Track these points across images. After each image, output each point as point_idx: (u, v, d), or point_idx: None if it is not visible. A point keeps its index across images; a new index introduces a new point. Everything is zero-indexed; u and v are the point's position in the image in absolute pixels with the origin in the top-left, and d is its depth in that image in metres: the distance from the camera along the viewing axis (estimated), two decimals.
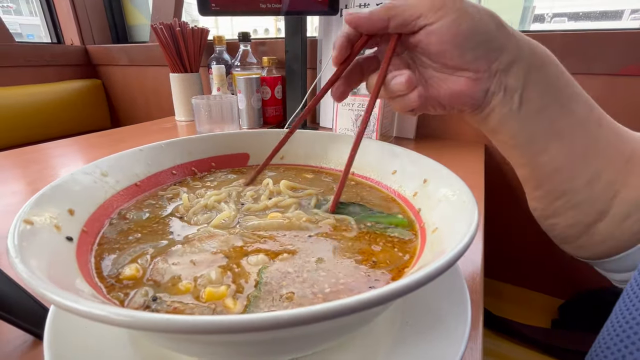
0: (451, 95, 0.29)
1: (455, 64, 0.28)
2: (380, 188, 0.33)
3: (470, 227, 0.18)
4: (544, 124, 0.29)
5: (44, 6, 1.34)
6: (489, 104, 0.29)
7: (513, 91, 0.29)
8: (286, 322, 0.12)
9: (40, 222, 0.20)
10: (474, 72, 0.28)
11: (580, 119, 0.29)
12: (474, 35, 0.27)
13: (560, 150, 0.29)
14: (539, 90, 0.29)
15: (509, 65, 0.28)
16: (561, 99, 0.29)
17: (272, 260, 0.23)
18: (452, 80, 0.28)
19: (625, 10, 1.46)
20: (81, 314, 0.13)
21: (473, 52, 0.27)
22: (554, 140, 0.29)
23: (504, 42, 0.28)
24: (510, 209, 0.85)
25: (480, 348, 0.26)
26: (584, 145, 0.29)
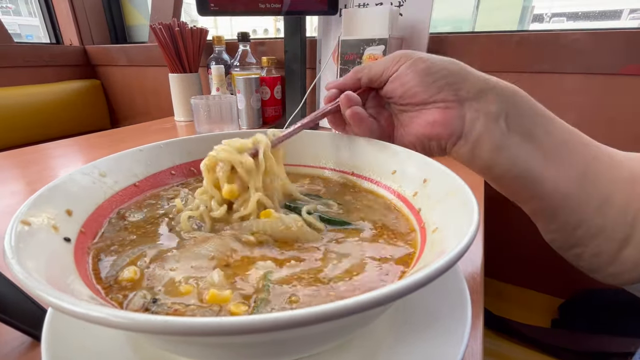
0: (425, 126, 0.31)
1: (422, 99, 0.31)
2: (380, 192, 0.33)
3: (470, 227, 0.18)
4: (537, 149, 0.29)
5: (42, 7, 1.34)
6: (473, 132, 0.29)
7: (496, 115, 0.29)
8: (285, 323, 0.12)
9: (37, 223, 0.20)
10: (443, 102, 0.30)
11: (570, 142, 0.29)
12: (431, 71, 0.30)
13: (562, 174, 0.29)
14: (521, 114, 0.29)
15: (479, 93, 0.29)
16: (544, 124, 0.30)
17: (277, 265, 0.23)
18: (425, 114, 0.31)
19: (624, 10, 1.46)
20: (78, 316, 0.12)
21: (435, 84, 0.30)
22: (553, 164, 0.29)
23: (464, 74, 0.30)
24: (510, 209, 0.84)
25: (480, 348, 0.26)
26: (584, 168, 0.28)
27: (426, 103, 0.31)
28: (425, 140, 0.32)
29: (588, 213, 0.28)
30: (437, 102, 0.30)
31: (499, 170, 0.30)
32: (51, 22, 1.36)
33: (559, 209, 0.29)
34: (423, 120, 0.31)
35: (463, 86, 0.30)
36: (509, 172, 0.30)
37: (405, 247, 0.25)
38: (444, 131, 0.30)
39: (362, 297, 0.13)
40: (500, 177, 0.31)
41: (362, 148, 0.35)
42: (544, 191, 0.29)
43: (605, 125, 0.70)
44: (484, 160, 0.30)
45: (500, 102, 0.29)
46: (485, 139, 0.29)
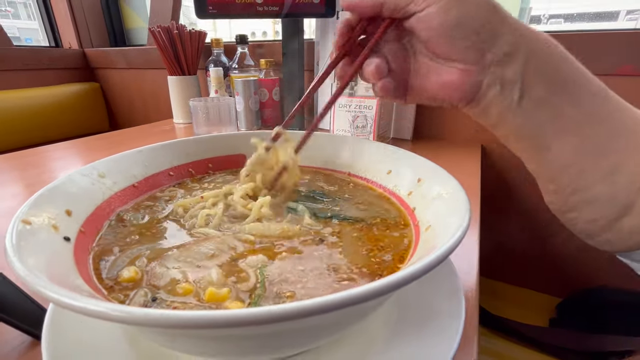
0: (439, 87, 0.29)
1: (443, 54, 0.27)
2: (375, 187, 0.33)
3: (462, 223, 0.18)
4: (547, 119, 0.28)
5: (42, 10, 1.35)
6: (485, 98, 0.28)
7: (512, 84, 0.27)
8: (278, 316, 0.12)
9: (38, 223, 0.20)
10: (464, 64, 0.27)
11: (590, 112, 0.28)
12: (462, 23, 0.26)
13: (568, 146, 0.28)
14: (541, 81, 0.27)
15: (505, 56, 0.27)
16: (571, 93, 0.28)
17: (270, 260, 0.23)
18: (444, 71, 0.28)
19: (620, 11, 1.47)
20: (78, 310, 0.13)
21: (462, 41, 0.26)
22: (560, 135, 0.28)
23: (497, 29, 0.26)
24: (507, 209, 0.85)
25: (475, 345, 0.27)
26: (596, 140, 0.27)
27: (447, 59, 0.28)
28: (439, 99, 0.30)
29: (589, 182, 0.28)
30: (459, 61, 0.27)
31: (505, 131, 0.30)
32: (50, 26, 1.37)
33: (559, 175, 0.29)
34: (438, 78, 0.29)
35: (491, 46, 0.26)
36: (514, 134, 0.29)
37: (400, 243, 0.25)
38: (457, 95, 0.28)
39: (355, 291, 0.13)
40: (507, 136, 0.30)
41: (357, 149, 0.35)
42: (549, 157, 0.28)
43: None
44: (489, 122, 0.30)
45: (522, 67, 0.27)
46: (494, 106, 0.28)
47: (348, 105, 0.71)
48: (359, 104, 0.69)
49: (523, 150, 0.30)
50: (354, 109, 0.70)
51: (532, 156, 0.30)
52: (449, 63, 0.28)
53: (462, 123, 0.84)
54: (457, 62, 0.27)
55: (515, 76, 0.27)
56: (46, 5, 1.34)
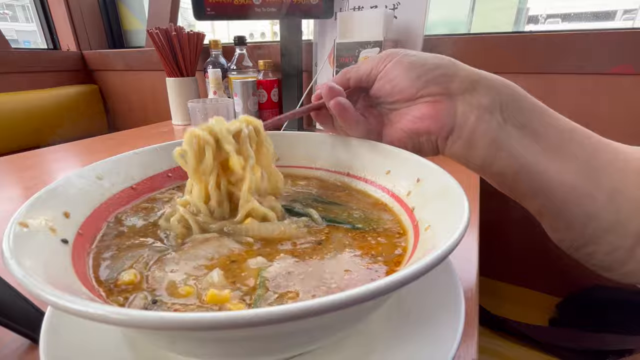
0: (414, 120, 0.30)
1: (410, 94, 0.30)
2: (371, 192, 0.33)
3: (461, 222, 0.18)
4: (537, 141, 0.28)
5: (40, 13, 1.35)
6: (466, 126, 0.28)
7: (491, 108, 0.28)
8: (279, 317, 0.12)
9: (35, 225, 0.20)
10: (430, 96, 0.29)
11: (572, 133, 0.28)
12: (417, 65, 0.30)
13: (566, 166, 0.27)
14: (517, 107, 0.28)
15: (470, 85, 0.28)
16: (542, 116, 0.28)
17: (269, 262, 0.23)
18: (414, 109, 0.30)
19: (617, 11, 1.48)
20: (77, 313, 0.13)
21: (421, 78, 0.29)
22: (556, 156, 0.27)
23: (453, 68, 0.29)
24: (506, 209, 0.85)
25: (475, 345, 0.27)
26: (589, 159, 0.27)
27: (414, 98, 0.30)
28: (415, 136, 0.31)
29: (597, 206, 0.26)
30: (425, 96, 0.29)
31: (498, 167, 0.28)
32: (48, 28, 1.37)
33: (565, 204, 0.28)
34: (411, 115, 0.30)
35: (453, 79, 0.29)
36: (509, 167, 0.28)
37: (395, 245, 0.25)
38: (434, 125, 0.29)
39: (355, 291, 0.13)
40: (501, 173, 0.29)
41: (356, 149, 0.35)
42: (549, 186, 0.27)
43: (596, 125, 0.71)
44: (481, 157, 0.29)
45: (495, 95, 0.28)
46: (480, 133, 0.28)
47: None
48: None
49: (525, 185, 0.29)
50: None
51: (536, 190, 0.28)
52: (417, 102, 0.30)
53: None
54: (424, 97, 0.30)
55: (491, 102, 0.28)
56: (44, 7, 1.33)
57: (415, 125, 0.30)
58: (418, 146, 0.32)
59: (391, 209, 0.30)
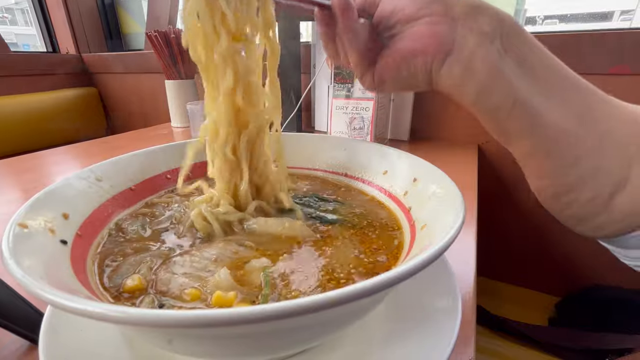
0: (411, 40, 0.28)
1: (410, 13, 0.28)
2: (368, 192, 0.34)
3: (456, 220, 0.18)
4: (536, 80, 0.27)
5: (39, 16, 1.35)
6: (465, 48, 0.27)
7: (491, 36, 0.27)
8: (275, 314, 0.12)
9: (34, 226, 0.20)
10: (431, 16, 0.27)
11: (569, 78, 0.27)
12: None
13: (562, 109, 0.27)
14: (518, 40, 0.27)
15: (472, 10, 0.27)
16: (541, 55, 0.28)
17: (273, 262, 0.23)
18: (412, 30, 0.28)
19: (615, 12, 1.48)
20: (77, 312, 0.13)
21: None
22: (553, 98, 0.27)
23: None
24: (504, 209, 0.85)
25: (472, 344, 0.27)
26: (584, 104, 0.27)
27: (414, 19, 0.28)
28: (410, 57, 0.28)
29: (586, 148, 0.27)
30: (426, 16, 0.27)
31: (495, 99, 0.27)
32: (47, 31, 1.37)
33: (556, 144, 0.27)
34: (409, 35, 0.28)
35: (455, 2, 0.27)
36: (506, 100, 0.27)
37: (391, 242, 0.26)
38: (432, 43, 0.27)
39: (351, 288, 0.13)
40: (496, 107, 0.28)
41: (354, 150, 0.35)
42: (543, 123, 0.27)
43: None
44: (479, 85, 0.27)
45: (496, 23, 0.27)
46: (479, 58, 0.26)
47: (345, 107, 0.71)
48: (355, 106, 0.70)
49: (519, 122, 0.28)
50: (350, 110, 0.70)
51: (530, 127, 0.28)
52: (418, 22, 0.28)
53: (459, 123, 0.84)
54: (425, 17, 0.27)
55: (492, 30, 0.27)
56: (43, 11, 1.34)
57: (411, 44, 0.28)
58: (413, 72, 0.29)
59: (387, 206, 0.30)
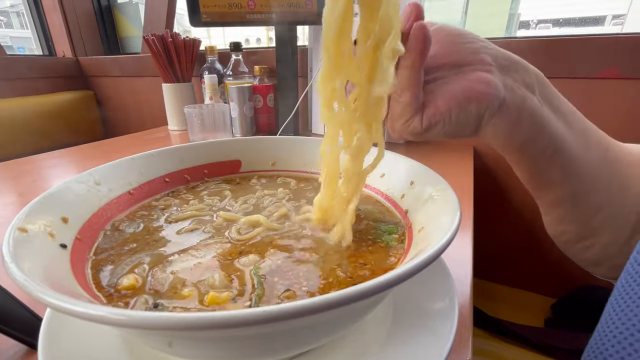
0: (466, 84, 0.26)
1: (457, 59, 0.26)
2: (370, 192, 0.34)
3: (452, 222, 0.19)
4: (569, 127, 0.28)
5: (35, 19, 1.35)
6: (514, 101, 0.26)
7: (532, 87, 0.27)
8: (276, 316, 0.12)
9: (34, 230, 0.20)
10: (481, 64, 0.26)
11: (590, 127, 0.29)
12: (463, 33, 0.27)
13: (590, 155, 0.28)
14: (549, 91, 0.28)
15: (513, 63, 0.27)
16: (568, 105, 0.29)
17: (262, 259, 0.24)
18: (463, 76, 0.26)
19: (607, 16, 1.50)
20: (78, 315, 0.13)
21: (470, 45, 0.26)
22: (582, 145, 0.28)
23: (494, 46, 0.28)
24: (500, 211, 0.86)
25: (470, 345, 0.27)
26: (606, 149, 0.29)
27: (463, 65, 0.26)
28: (465, 101, 0.26)
29: (610, 195, 0.28)
30: (476, 63, 0.26)
31: (539, 145, 0.27)
32: (44, 34, 1.37)
33: (587, 193, 0.28)
34: (462, 80, 0.26)
35: (497, 53, 0.27)
36: (548, 147, 0.27)
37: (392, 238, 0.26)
38: (487, 91, 0.25)
39: (350, 290, 0.14)
40: (540, 153, 0.28)
41: None
42: (578, 171, 0.28)
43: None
44: (525, 135, 0.27)
45: (532, 75, 0.28)
46: (526, 109, 0.27)
47: None
48: None
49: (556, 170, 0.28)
50: None
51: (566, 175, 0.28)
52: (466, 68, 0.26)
53: None
54: (474, 65, 0.26)
55: (532, 82, 0.27)
56: (40, 14, 1.34)
57: (467, 90, 0.26)
58: (464, 116, 0.27)
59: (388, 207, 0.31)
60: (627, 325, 0.21)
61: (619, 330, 0.22)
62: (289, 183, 0.38)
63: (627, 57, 0.65)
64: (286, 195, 0.35)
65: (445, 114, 0.26)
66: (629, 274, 0.23)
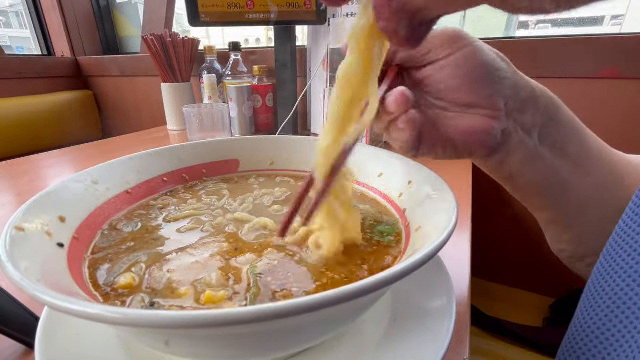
0: (463, 133, 0.25)
1: (469, 101, 0.25)
2: (367, 191, 0.34)
3: (450, 221, 0.19)
4: (567, 161, 0.28)
5: (34, 19, 1.35)
6: (506, 146, 0.26)
7: (532, 130, 0.27)
8: (268, 314, 0.12)
9: (31, 229, 0.20)
10: (491, 110, 0.25)
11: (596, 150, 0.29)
12: (491, 69, 0.25)
13: (587, 180, 0.28)
14: (557, 130, 0.28)
15: (524, 103, 0.26)
16: (578, 138, 0.28)
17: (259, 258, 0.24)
18: (466, 118, 0.25)
19: (606, 17, 1.51)
20: (75, 313, 0.13)
21: (489, 88, 0.25)
22: (580, 171, 0.28)
23: (516, 78, 0.26)
24: (499, 211, 0.86)
25: (467, 344, 0.27)
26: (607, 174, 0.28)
27: (471, 106, 0.25)
28: (461, 144, 0.26)
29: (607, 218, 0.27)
30: (484, 107, 0.25)
31: (523, 180, 0.28)
32: (42, 34, 1.37)
33: (578, 217, 0.28)
34: (462, 124, 0.25)
35: (513, 95, 0.26)
36: (534, 181, 0.28)
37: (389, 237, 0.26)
38: (484, 140, 0.25)
39: (347, 288, 0.14)
40: (524, 186, 0.29)
41: None
42: (568, 199, 0.28)
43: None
44: (511, 172, 0.28)
45: (540, 115, 0.27)
46: (517, 154, 0.27)
47: None
48: None
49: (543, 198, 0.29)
50: None
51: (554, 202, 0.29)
52: (471, 110, 0.25)
53: None
54: (481, 109, 0.25)
55: (533, 124, 0.27)
56: (39, 14, 1.34)
57: (464, 138, 0.25)
58: (459, 153, 0.27)
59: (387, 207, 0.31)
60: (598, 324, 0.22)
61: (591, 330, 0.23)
62: (288, 182, 0.38)
63: (626, 57, 0.65)
64: (284, 194, 0.35)
65: (439, 151, 0.26)
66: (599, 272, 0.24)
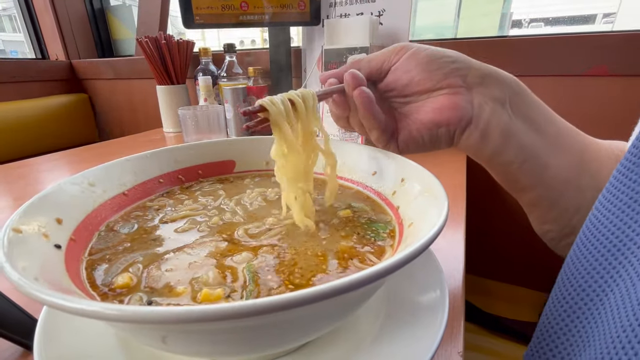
0: (434, 112, 0.29)
1: (428, 87, 0.30)
2: (362, 189, 0.35)
3: (440, 215, 0.19)
4: (542, 136, 0.29)
5: (27, 22, 1.34)
6: (482, 116, 0.29)
7: (502, 101, 0.29)
8: (262, 308, 0.13)
9: (28, 231, 0.21)
10: (450, 87, 0.29)
11: (568, 131, 0.30)
12: (434, 58, 0.29)
13: (564, 161, 0.29)
14: (523, 101, 0.30)
15: (484, 78, 0.29)
16: (545, 113, 0.30)
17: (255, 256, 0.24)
18: (432, 101, 0.30)
19: (597, 15, 1.52)
20: (74, 311, 0.13)
21: (440, 70, 0.29)
22: (556, 151, 0.29)
23: (467, 61, 0.30)
24: (494, 207, 0.87)
25: (461, 338, 0.27)
26: (581, 155, 0.30)
27: (432, 90, 0.30)
28: (434, 127, 0.30)
29: (586, 198, 0.29)
30: (444, 87, 0.29)
31: (507, 157, 0.30)
32: (36, 38, 1.36)
33: (561, 197, 0.30)
34: (430, 107, 0.30)
35: (468, 72, 0.29)
36: (516, 158, 0.30)
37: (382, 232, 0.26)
38: (454, 115, 0.29)
39: (340, 281, 0.14)
40: (509, 163, 0.30)
41: (344, 152, 0.36)
42: (548, 177, 0.29)
43: (575, 125, 0.74)
44: (493, 147, 0.30)
45: (504, 88, 0.29)
46: (494, 124, 0.29)
47: None
48: None
49: (527, 176, 0.30)
50: None
51: (536, 180, 0.30)
52: (435, 93, 0.30)
53: None
54: (443, 89, 0.29)
55: (502, 94, 0.29)
56: (32, 17, 1.33)
57: (435, 116, 0.30)
58: (435, 138, 0.31)
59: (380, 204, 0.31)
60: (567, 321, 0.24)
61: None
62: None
63: (615, 55, 0.66)
64: (278, 194, 0.35)
65: (417, 137, 0.31)
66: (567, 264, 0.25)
